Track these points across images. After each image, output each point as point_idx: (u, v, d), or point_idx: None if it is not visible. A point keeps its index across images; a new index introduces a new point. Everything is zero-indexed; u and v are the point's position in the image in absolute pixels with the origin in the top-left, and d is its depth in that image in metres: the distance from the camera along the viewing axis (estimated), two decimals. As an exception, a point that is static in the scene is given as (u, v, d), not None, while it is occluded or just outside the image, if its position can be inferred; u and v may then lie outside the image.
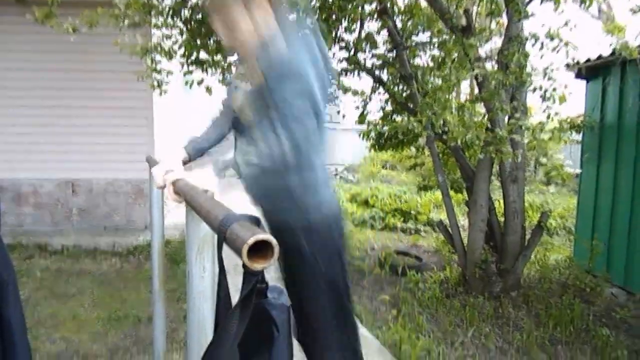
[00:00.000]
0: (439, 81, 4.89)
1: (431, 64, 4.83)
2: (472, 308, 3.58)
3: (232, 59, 4.03)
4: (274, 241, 0.54)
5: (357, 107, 4.63)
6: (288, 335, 0.84)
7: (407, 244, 6.09)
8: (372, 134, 4.73)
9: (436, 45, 4.62)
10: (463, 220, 5.43)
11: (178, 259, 4.46)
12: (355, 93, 4.40)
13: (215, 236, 0.67)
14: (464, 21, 3.77)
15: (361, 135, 4.60)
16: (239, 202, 1.41)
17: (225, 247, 0.66)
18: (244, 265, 0.58)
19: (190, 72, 4.25)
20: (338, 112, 4.74)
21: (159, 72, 4.22)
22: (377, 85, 4.87)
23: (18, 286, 2.01)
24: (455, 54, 4.10)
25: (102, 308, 3.47)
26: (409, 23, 4.64)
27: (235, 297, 0.68)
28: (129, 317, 3.29)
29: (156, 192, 1.99)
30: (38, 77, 5.26)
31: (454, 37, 3.81)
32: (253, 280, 0.61)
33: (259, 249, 0.55)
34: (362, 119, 4.43)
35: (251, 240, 0.52)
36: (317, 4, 3.86)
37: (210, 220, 0.70)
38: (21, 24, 4.55)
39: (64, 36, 3.82)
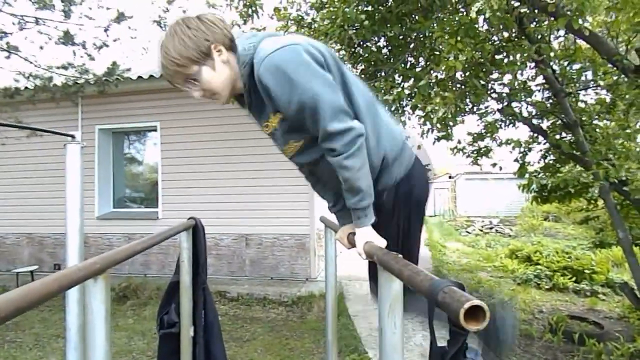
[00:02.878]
0: (608, 124, 4.47)
1: (598, 108, 4.44)
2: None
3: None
4: (485, 306, 0.63)
5: (517, 160, 4.42)
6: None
7: (582, 307, 5.40)
8: (534, 186, 4.44)
9: (602, 87, 4.27)
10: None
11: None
12: (517, 144, 4.18)
13: (425, 300, 0.78)
14: (638, 61, 3.46)
15: (520, 188, 4.35)
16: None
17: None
18: (455, 326, 0.67)
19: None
20: (494, 165, 4.59)
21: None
22: (536, 135, 4.63)
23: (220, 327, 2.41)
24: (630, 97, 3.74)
25: (272, 354, 3.80)
26: (569, 68, 4.39)
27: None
28: (297, 365, 3.55)
29: (331, 250, 2.21)
30: (217, 147, 6.24)
31: (626, 78, 3.51)
32: (461, 340, 0.70)
33: (470, 312, 0.64)
34: (522, 171, 4.20)
35: (467, 305, 0.62)
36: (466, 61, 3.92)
37: (415, 284, 0.82)
38: (207, 102, 5.54)
39: (240, 110, 4.52)
